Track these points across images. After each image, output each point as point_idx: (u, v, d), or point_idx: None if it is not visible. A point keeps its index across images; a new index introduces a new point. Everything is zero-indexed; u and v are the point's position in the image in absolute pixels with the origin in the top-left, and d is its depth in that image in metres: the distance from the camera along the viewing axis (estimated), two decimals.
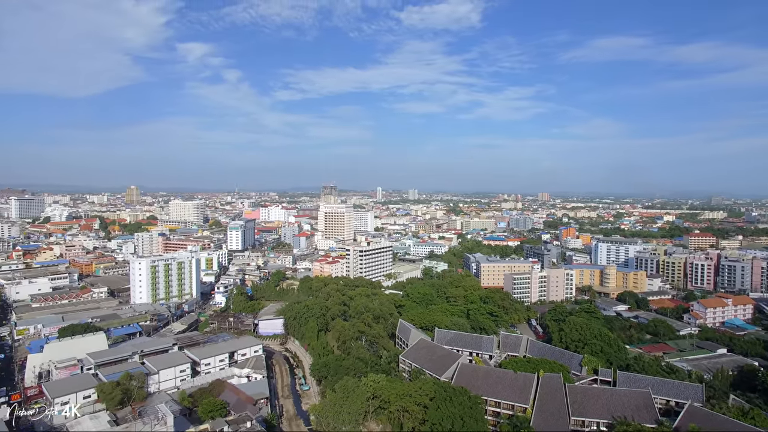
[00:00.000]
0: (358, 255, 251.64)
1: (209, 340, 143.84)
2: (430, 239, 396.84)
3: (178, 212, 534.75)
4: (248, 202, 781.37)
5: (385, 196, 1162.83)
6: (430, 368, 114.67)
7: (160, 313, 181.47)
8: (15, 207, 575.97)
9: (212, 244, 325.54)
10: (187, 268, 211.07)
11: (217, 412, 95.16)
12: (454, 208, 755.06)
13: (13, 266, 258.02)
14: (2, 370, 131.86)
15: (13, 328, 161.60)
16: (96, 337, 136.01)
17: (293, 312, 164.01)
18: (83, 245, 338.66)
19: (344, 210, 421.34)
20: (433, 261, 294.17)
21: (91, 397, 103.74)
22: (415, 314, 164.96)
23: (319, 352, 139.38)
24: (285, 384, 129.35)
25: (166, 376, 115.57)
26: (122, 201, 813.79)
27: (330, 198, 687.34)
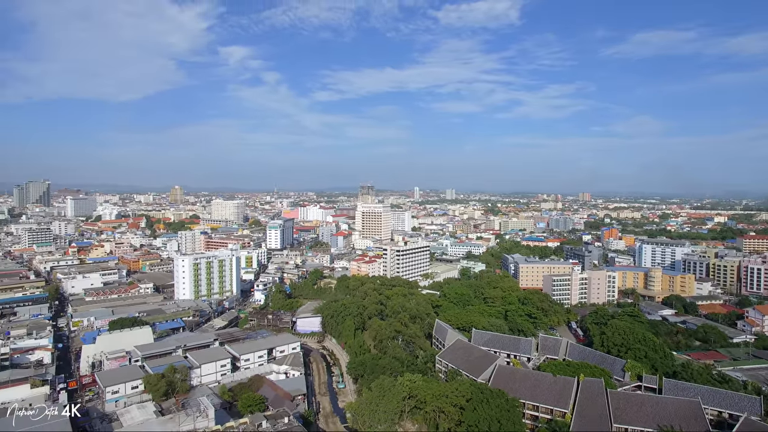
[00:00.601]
0: (395, 255, 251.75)
1: (249, 337, 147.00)
2: (467, 239, 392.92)
3: (220, 211, 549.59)
4: (287, 202, 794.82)
5: (423, 196, 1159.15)
6: (467, 369, 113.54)
7: (202, 310, 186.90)
8: (71, 206, 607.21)
9: (252, 242, 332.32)
10: (228, 265, 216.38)
11: (256, 407, 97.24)
12: (492, 208, 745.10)
13: (69, 262, 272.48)
14: (60, 359, 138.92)
15: (70, 320, 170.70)
16: (143, 330, 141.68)
17: (330, 310, 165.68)
18: (131, 243, 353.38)
19: (381, 210, 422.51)
20: (471, 261, 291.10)
21: (138, 387, 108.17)
22: (452, 314, 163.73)
23: (355, 351, 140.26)
24: (322, 381, 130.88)
25: (208, 370, 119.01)
26: (167, 200, 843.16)
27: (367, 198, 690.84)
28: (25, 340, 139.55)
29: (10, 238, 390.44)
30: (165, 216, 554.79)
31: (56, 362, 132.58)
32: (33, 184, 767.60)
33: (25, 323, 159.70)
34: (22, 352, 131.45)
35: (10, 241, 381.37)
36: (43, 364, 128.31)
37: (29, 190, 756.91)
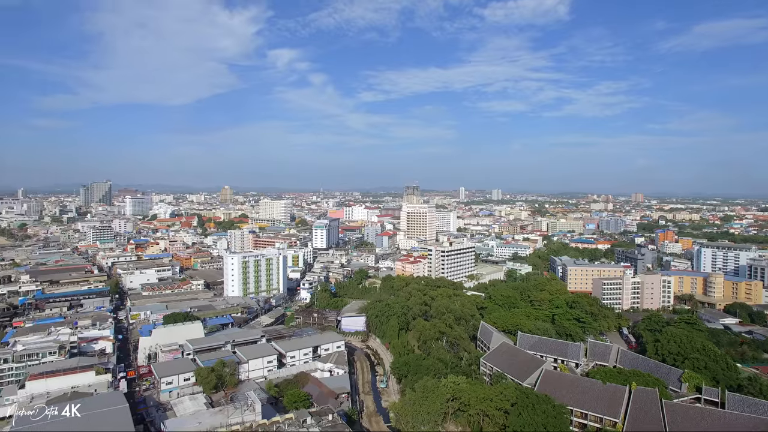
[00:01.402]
0: (440, 255, 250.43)
1: (295, 334, 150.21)
2: (513, 241, 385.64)
3: (267, 211, 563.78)
4: (333, 202, 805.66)
5: (468, 196, 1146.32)
6: (512, 373, 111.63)
7: (250, 306, 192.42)
8: (129, 205, 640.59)
9: (298, 242, 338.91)
10: (275, 264, 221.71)
11: (301, 403, 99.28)
12: (540, 209, 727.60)
13: (127, 258, 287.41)
14: (120, 349, 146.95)
15: (128, 313, 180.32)
16: (194, 325, 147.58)
17: (375, 310, 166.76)
18: (184, 240, 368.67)
19: (426, 210, 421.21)
20: (517, 263, 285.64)
21: (190, 379, 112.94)
22: (497, 317, 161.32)
23: (399, 351, 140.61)
24: (366, 380, 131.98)
25: (255, 365, 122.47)
26: (217, 200, 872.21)
27: (412, 198, 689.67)
28: (90, 330, 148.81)
29: (77, 235, 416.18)
30: (215, 215, 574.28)
31: (117, 352, 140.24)
32: (97, 185, 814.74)
33: (90, 314, 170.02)
34: (87, 341, 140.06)
35: (77, 237, 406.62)
36: (106, 353, 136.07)
37: (93, 190, 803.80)
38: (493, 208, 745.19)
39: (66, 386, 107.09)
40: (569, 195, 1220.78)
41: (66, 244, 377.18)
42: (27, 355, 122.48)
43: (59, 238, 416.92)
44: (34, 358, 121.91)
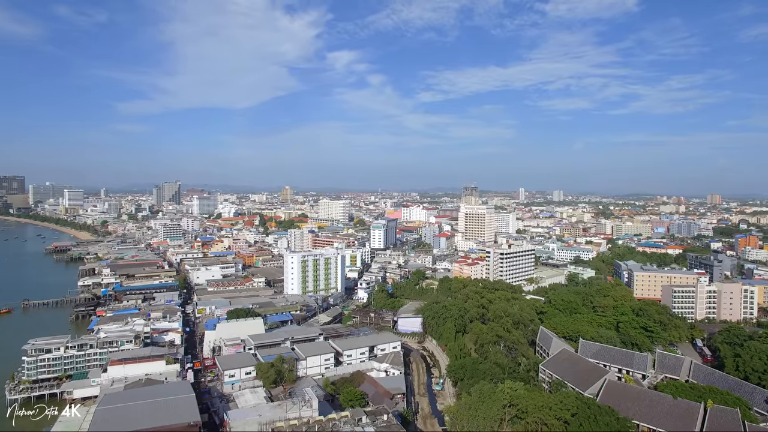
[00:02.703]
0: (499, 257, 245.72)
1: (352, 333, 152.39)
2: (575, 244, 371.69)
3: (326, 211, 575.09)
4: (390, 202, 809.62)
5: (528, 197, 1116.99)
6: (573, 381, 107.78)
7: (309, 305, 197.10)
8: (197, 204, 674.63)
9: (356, 241, 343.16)
10: (333, 263, 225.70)
11: (357, 402, 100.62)
12: (604, 211, 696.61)
13: (194, 255, 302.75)
14: (187, 341, 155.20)
15: (195, 307, 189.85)
16: (255, 321, 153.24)
17: (432, 312, 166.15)
18: (246, 239, 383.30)
19: (485, 211, 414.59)
20: (579, 267, 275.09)
21: (251, 373, 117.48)
22: (557, 322, 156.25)
23: (456, 354, 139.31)
24: (421, 382, 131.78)
25: (313, 363, 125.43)
26: (278, 200, 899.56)
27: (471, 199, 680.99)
28: (161, 322, 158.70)
29: (150, 232, 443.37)
30: (276, 214, 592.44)
31: (184, 344, 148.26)
32: (167, 185, 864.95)
33: (161, 307, 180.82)
34: (159, 332, 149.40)
35: (150, 234, 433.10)
36: (175, 344, 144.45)
37: (165, 190, 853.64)
38: (554, 210, 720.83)
39: (141, 373, 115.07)
40: (636, 197, 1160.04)
41: (140, 241, 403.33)
42: (108, 342, 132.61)
43: (135, 235, 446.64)
44: (114, 345, 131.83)
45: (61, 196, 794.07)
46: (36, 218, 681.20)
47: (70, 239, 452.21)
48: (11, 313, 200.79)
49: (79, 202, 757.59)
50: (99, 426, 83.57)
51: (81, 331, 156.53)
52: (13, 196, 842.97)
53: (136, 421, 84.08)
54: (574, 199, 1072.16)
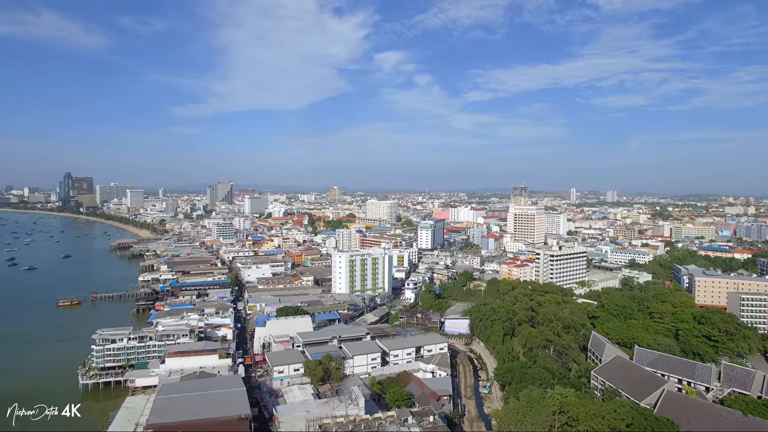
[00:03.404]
0: (549, 259, 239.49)
1: (398, 333, 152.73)
2: (630, 246, 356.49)
3: (374, 211, 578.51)
4: (438, 203, 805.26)
5: (580, 198, 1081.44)
6: (628, 390, 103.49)
7: (356, 304, 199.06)
8: (248, 204, 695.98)
9: (404, 242, 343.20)
10: (381, 263, 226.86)
11: (403, 402, 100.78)
12: (662, 212, 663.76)
13: (246, 253, 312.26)
14: (238, 337, 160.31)
15: (246, 304, 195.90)
16: (304, 319, 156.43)
17: (479, 313, 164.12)
18: (295, 238, 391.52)
19: (535, 212, 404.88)
20: (634, 270, 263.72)
21: (299, 370, 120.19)
22: (610, 327, 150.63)
23: (503, 357, 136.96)
24: (468, 384, 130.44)
25: (360, 362, 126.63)
26: (326, 200, 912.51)
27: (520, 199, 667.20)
28: (214, 317, 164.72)
29: (204, 231, 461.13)
30: (325, 214, 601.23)
31: (236, 339, 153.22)
32: (220, 185, 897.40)
33: (214, 303, 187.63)
34: (212, 327, 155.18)
35: (204, 233, 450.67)
36: (227, 339, 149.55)
37: (218, 190, 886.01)
38: (608, 211, 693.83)
39: (195, 366, 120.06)
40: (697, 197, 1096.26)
41: (195, 239, 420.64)
42: (166, 335, 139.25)
43: (190, 233, 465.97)
44: (171, 339, 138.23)
45: (124, 196, 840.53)
46: (102, 216, 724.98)
47: (132, 237, 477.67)
48: (81, 305, 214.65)
49: (140, 201, 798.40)
50: (158, 413, 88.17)
51: (141, 324, 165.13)
52: (83, 196, 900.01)
53: (192, 411, 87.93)
54: (628, 200, 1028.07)
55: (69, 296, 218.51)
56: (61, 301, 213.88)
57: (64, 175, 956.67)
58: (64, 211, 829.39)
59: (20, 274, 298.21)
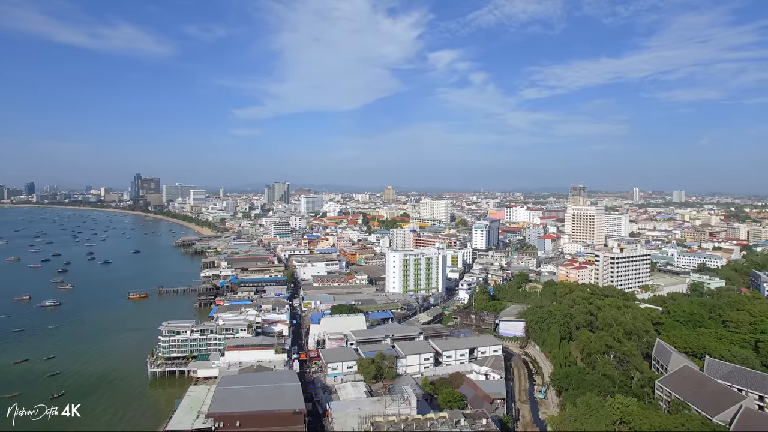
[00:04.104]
0: (609, 262, 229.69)
1: (452, 334, 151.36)
2: (700, 249, 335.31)
3: (428, 211, 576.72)
4: (493, 202, 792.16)
5: (643, 198, 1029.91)
6: (698, 404, 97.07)
7: (409, 304, 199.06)
8: (304, 204, 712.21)
9: (458, 242, 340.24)
10: (435, 263, 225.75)
11: (456, 403, 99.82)
12: (737, 214, 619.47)
13: (301, 251, 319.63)
14: (294, 333, 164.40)
15: (301, 301, 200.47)
16: (357, 317, 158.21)
17: (535, 316, 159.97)
18: (350, 237, 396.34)
19: (594, 212, 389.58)
20: (705, 275, 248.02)
21: (352, 368, 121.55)
22: (677, 335, 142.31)
23: (560, 361, 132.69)
24: (522, 388, 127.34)
25: (412, 361, 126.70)
26: (381, 199, 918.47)
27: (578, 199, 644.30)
28: (270, 313, 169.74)
29: (262, 229, 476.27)
30: (379, 214, 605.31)
31: (291, 335, 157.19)
32: (277, 185, 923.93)
33: (270, 300, 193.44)
34: (269, 323, 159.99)
35: (262, 231, 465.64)
36: (283, 335, 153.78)
37: (275, 189, 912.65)
38: (674, 212, 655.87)
39: (253, 359, 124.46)
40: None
41: (253, 237, 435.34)
42: (225, 329, 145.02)
43: (248, 232, 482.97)
44: (230, 332, 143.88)
45: (188, 195, 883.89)
46: (168, 215, 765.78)
47: (194, 234, 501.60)
48: (148, 298, 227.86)
49: (202, 200, 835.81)
50: (219, 403, 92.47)
51: (203, 318, 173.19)
52: (151, 196, 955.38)
53: (249, 403, 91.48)
54: (698, 200, 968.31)
55: (138, 289, 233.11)
56: (131, 293, 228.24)
57: (135, 176, 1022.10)
58: (134, 209, 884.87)
59: (97, 267, 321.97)
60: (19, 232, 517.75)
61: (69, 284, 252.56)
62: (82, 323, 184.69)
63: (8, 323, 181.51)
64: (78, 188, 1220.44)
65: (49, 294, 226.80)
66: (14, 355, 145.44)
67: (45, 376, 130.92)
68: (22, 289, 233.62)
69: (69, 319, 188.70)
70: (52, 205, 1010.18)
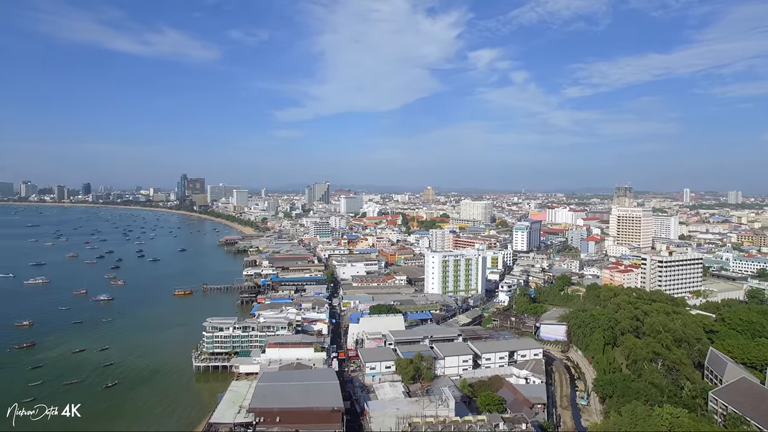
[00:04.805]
0: (657, 265, 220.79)
1: (491, 336, 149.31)
2: (759, 254, 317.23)
3: (468, 211, 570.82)
4: (534, 203, 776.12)
5: (694, 199, 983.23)
6: (760, 420, 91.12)
7: (448, 305, 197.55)
8: (343, 204, 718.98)
9: (498, 243, 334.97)
10: (474, 264, 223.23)
11: (495, 407, 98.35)
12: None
13: (341, 251, 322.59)
14: (333, 332, 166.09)
15: (341, 301, 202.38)
16: (396, 318, 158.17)
17: (578, 320, 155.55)
18: (389, 237, 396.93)
19: (641, 213, 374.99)
20: (765, 282, 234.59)
21: (390, 368, 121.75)
22: (733, 345, 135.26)
23: (604, 367, 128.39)
24: (564, 394, 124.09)
25: (451, 363, 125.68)
26: (420, 200, 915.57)
27: (624, 200, 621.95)
28: (310, 312, 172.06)
29: (302, 229, 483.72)
30: (418, 214, 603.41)
31: (330, 334, 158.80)
32: (318, 185, 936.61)
33: (310, 299, 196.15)
34: (308, 321, 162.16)
35: (302, 231, 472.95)
36: (322, 334, 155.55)
37: (315, 190, 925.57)
38: (729, 214, 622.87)
39: (292, 357, 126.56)
40: None
41: (294, 236, 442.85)
42: (266, 326, 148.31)
43: (289, 231, 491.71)
44: (271, 330, 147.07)
45: (231, 195, 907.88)
46: (212, 214, 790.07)
47: (237, 233, 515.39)
48: (192, 295, 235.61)
49: (244, 200, 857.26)
50: (260, 398, 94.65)
51: (245, 315, 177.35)
52: (196, 196, 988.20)
53: (289, 399, 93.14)
54: (757, 201, 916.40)
55: (183, 286, 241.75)
56: (176, 290, 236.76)
57: (181, 177, 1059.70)
58: (180, 209, 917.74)
59: (146, 264, 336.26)
60: (77, 230, 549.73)
61: (121, 280, 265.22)
62: (132, 317, 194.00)
63: (68, 315, 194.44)
64: (129, 188, 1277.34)
65: (103, 289, 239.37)
66: (73, 345, 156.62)
67: (100, 366, 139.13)
68: (80, 283, 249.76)
69: (121, 313, 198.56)
70: (105, 205, 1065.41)
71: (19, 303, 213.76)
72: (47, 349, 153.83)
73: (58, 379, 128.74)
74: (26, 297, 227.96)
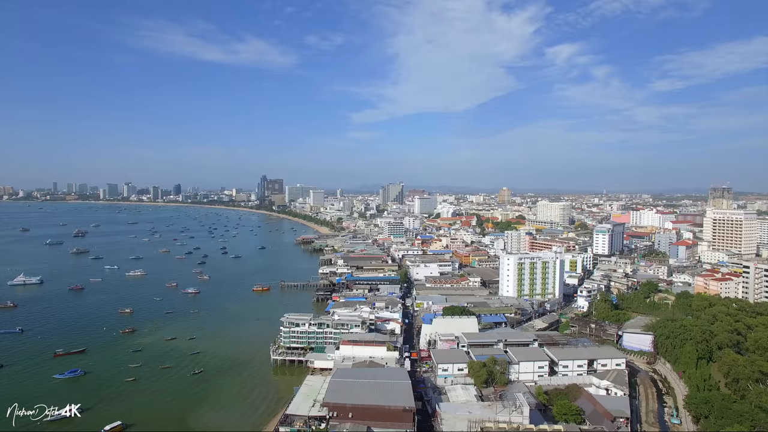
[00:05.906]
0: (763, 274, 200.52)
1: (569, 343, 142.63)
2: None
3: (545, 213, 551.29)
4: (617, 205, 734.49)
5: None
6: None
7: (524, 308, 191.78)
8: (417, 204, 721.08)
9: (577, 246, 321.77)
10: (551, 268, 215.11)
11: (572, 417, 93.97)
12: None
13: (414, 252, 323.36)
14: (406, 332, 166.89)
15: (414, 301, 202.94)
16: (469, 320, 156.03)
17: (666, 330, 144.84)
18: (463, 239, 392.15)
19: (742, 216, 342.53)
20: None
21: (463, 370, 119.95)
22: None
23: (697, 384, 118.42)
24: (650, 409, 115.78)
25: (526, 368, 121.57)
26: (495, 201, 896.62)
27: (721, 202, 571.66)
28: (383, 311, 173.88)
29: (377, 229, 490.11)
30: (493, 215, 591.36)
31: (403, 334, 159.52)
32: (392, 186, 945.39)
33: (384, 298, 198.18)
34: (381, 320, 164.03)
35: (376, 231, 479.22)
36: (395, 333, 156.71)
37: (389, 190, 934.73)
38: None
39: (365, 355, 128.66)
40: None
41: (368, 236, 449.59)
42: (341, 324, 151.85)
43: (363, 231, 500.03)
44: (345, 327, 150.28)
45: (308, 195, 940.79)
46: (290, 214, 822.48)
47: (314, 233, 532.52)
48: (270, 291, 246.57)
49: (320, 201, 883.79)
50: (333, 393, 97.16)
51: (320, 312, 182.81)
52: (275, 196, 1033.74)
53: (362, 396, 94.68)
54: None
55: (261, 282, 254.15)
56: (255, 286, 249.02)
57: (261, 178, 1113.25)
58: (260, 208, 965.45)
59: (229, 260, 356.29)
60: (169, 227, 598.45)
61: (206, 275, 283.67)
62: (216, 310, 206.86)
63: (161, 305, 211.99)
64: (214, 189, 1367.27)
65: (191, 282, 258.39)
66: (166, 333, 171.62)
67: (189, 354, 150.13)
68: (171, 276, 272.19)
69: (206, 306, 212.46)
70: (193, 204, 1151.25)
71: (123, 292, 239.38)
72: (144, 335, 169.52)
73: (155, 363, 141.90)
74: (128, 287, 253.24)
